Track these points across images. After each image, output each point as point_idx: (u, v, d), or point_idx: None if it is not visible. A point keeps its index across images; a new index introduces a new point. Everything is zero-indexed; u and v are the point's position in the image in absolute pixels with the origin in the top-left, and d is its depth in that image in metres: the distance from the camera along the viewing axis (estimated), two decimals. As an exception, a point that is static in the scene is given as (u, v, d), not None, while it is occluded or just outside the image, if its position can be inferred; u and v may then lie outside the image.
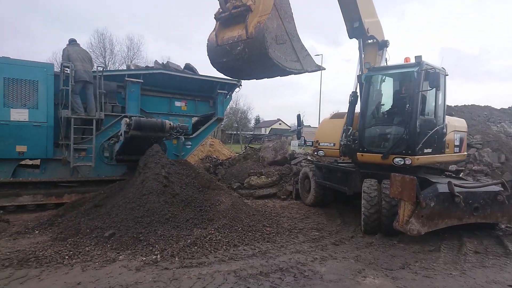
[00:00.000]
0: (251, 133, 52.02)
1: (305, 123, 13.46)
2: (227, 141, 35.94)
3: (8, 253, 4.52)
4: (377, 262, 4.76)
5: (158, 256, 4.52)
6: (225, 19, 5.49)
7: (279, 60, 5.13)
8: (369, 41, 7.58)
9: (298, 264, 4.54)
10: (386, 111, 6.98)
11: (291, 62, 5.42)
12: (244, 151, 14.06)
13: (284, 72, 5.57)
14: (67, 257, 4.44)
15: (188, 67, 9.66)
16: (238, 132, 45.05)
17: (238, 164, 11.34)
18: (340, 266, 4.56)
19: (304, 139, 8.92)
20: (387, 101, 7.24)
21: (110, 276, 3.95)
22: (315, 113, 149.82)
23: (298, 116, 8.60)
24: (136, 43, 41.54)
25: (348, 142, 7.04)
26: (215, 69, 6.17)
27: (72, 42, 7.95)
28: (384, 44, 7.60)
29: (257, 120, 77.18)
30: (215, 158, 13.83)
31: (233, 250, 4.93)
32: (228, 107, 11.07)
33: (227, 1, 5.37)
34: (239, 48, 5.21)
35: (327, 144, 7.81)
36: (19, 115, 7.07)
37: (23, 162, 7.66)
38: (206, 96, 9.93)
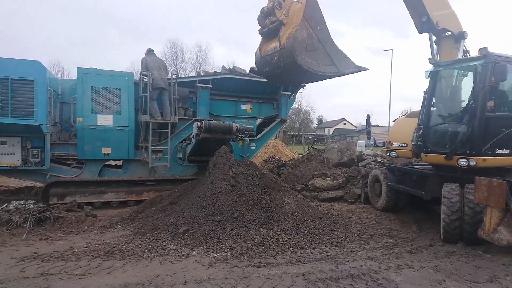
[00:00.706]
0: (314, 133, 51.18)
1: (373, 123, 12.86)
2: (289, 142, 35.88)
3: (97, 245, 5.04)
4: (459, 273, 4.33)
5: (228, 254, 4.67)
6: (265, 34, 6.14)
7: (310, 66, 5.58)
8: (447, 33, 6.96)
9: (370, 271, 4.32)
10: (451, 108, 6.43)
11: (325, 66, 5.82)
12: (307, 152, 13.89)
13: (318, 76, 6.01)
14: (146, 250, 4.81)
15: (253, 70, 9.85)
16: (300, 133, 44.68)
17: (301, 166, 11.23)
18: (417, 276, 4.24)
19: (374, 140, 8.51)
20: (452, 98, 6.65)
21: (185, 270, 4.18)
22: (383, 112, 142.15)
23: (368, 116, 8.25)
24: (204, 50, 43.69)
25: (419, 143, 6.55)
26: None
27: (150, 52, 8.65)
28: (460, 36, 6.91)
29: (320, 121, 75.75)
30: (278, 159, 13.88)
31: (300, 253, 4.88)
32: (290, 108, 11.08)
33: (266, 18, 5.97)
34: (275, 58, 5.82)
35: (400, 144, 7.34)
36: (104, 120, 7.88)
37: (108, 163, 8.51)
38: (270, 98, 10.04)
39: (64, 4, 74.07)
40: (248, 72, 9.78)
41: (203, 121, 7.31)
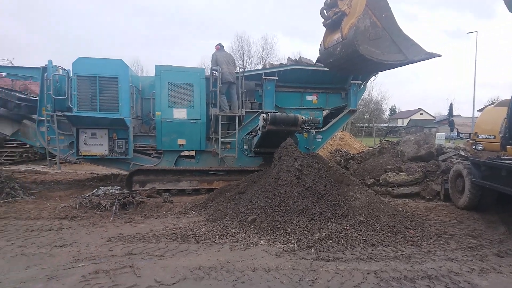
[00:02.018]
0: (385, 125, 48.29)
1: (454, 113, 11.71)
2: (358, 134, 34.43)
3: (174, 229, 5.43)
4: None
5: (295, 245, 4.67)
6: (329, 26, 6.06)
7: (373, 55, 5.42)
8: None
9: (450, 273, 3.98)
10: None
11: (391, 55, 5.60)
12: (378, 145, 13.17)
13: (383, 65, 5.81)
14: (217, 236, 5.05)
15: (320, 61, 9.62)
16: (370, 125, 42.54)
17: (372, 159, 10.68)
18: (507, 282, 3.79)
19: (458, 131, 7.74)
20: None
21: (254, 258, 4.30)
22: (465, 101, 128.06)
23: (451, 105, 7.56)
24: (270, 42, 44.02)
25: (506, 135, 5.77)
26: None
27: (220, 47, 8.97)
28: None
29: (393, 111, 71.12)
30: (346, 152, 13.41)
31: (372, 250, 4.67)
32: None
33: (329, 10, 5.91)
34: (338, 49, 5.74)
35: (487, 136, 6.57)
36: (180, 113, 8.41)
37: (182, 153, 9.10)
38: (338, 88, 9.72)
39: (137, 4, 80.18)
40: (315, 62, 9.58)
41: (268, 113, 7.38)
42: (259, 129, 7.84)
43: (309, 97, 9.60)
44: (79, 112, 7.61)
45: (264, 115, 7.34)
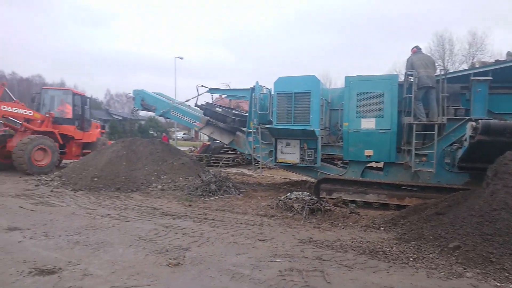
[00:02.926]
0: None
1: None
2: None
3: (361, 242, 5.30)
4: None
5: (519, 288, 3.68)
6: None
7: None
8: None
9: None
10: None
11: None
12: None
13: None
14: (411, 259, 4.58)
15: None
16: None
17: None
18: None
19: None
20: None
21: (457, 291, 3.67)
22: None
23: None
24: (480, 36, 36.87)
25: None
26: None
27: (417, 50, 8.23)
28: None
29: None
30: None
31: None
32: None
33: None
34: None
35: None
36: (367, 123, 8.23)
37: (369, 164, 8.83)
38: None
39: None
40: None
41: (479, 120, 6.16)
42: (465, 140, 6.65)
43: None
44: (278, 125, 8.67)
45: (473, 122, 6.18)
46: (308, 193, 8.07)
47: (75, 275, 3.84)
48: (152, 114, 14.20)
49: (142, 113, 13.48)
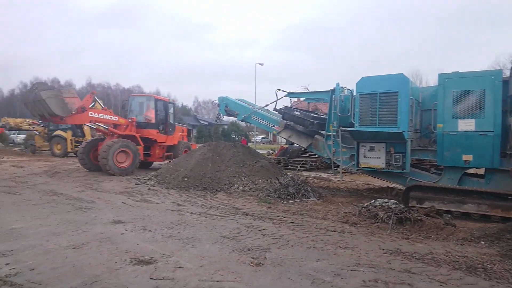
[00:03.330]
0: None
1: None
2: None
3: (457, 256, 4.77)
4: None
5: None
6: None
7: None
8: None
9: None
10: None
11: None
12: None
13: None
14: (522, 279, 3.98)
15: None
16: None
17: None
18: None
19: None
20: None
21: None
22: None
23: None
24: None
25: None
26: None
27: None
28: None
29: None
30: None
31: None
32: None
33: None
34: None
35: None
36: (466, 125, 7.37)
37: (468, 171, 7.89)
38: None
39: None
40: None
41: None
42: None
43: None
44: (360, 127, 8.30)
45: None
46: (395, 201, 7.56)
47: (168, 267, 4.23)
48: (234, 119, 14.94)
49: (225, 118, 14.21)
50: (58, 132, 22.21)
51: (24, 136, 29.43)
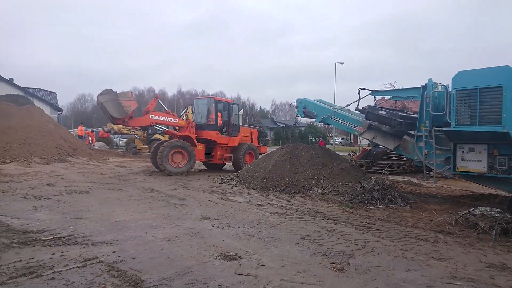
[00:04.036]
0: None
1: None
2: None
3: None
4: None
5: None
6: None
7: None
8: None
9: None
10: None
11: None
12: None
13: None
14: None
15: None
16: None
17: None
18: None
19: None
20: None
21: None
22: None
23: None
24: None
25: None
26: None
27: None
28: None
29: None
30: None
31: None
32: None
33: None
34: None
35: None
36: None
37: None
38: None
39: None
40: None
41: None
42: None
43: None
44: (458, 127, 7.43)
45: None
46: (499, 210, 6.61)
47: (252, 264, 4.36)
48: (311, 120, 14.71)
49: (302, 120, 14.09)
50: (156, 135, 24.58)
51: (125, 139, 33.23)
